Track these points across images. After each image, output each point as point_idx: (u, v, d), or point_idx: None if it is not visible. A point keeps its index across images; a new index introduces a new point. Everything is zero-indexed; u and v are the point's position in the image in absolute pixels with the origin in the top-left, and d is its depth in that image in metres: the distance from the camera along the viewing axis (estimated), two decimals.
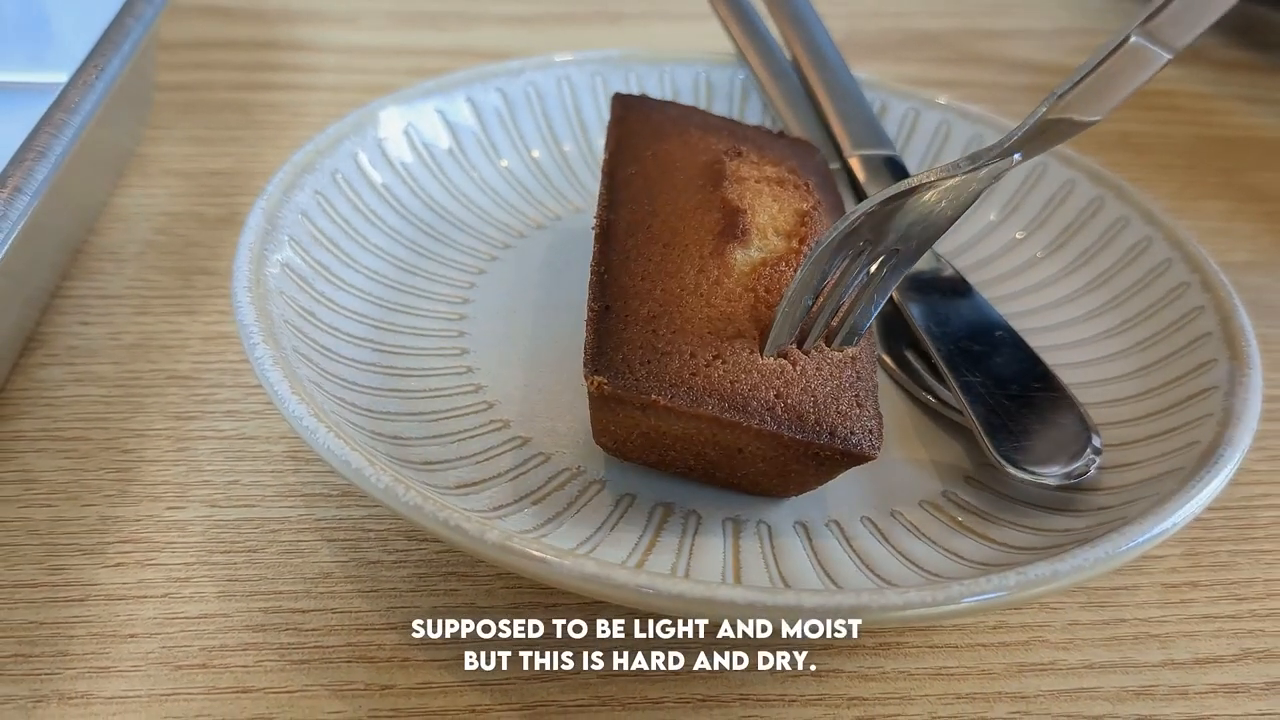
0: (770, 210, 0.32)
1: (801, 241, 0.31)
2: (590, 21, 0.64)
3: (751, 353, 0.28)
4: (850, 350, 0.30)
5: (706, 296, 0.29)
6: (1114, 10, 0.70)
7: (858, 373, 0.29)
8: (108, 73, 0.36)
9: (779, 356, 0.29)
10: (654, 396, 0.27)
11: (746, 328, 0.29)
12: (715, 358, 0.28)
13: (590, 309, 0.30)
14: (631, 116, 0.37)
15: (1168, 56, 0.26)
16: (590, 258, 0.32)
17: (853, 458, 0.28)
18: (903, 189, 0.27)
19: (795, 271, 0.30)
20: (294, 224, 0.34)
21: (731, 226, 0.31)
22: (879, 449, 0.28)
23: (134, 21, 0.39)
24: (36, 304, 0.37)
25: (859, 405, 0.29)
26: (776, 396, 0.28)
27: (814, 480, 0.29)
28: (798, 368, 0.29)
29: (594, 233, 0.32)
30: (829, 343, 0.30)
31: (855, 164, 0.41)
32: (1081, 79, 0.27)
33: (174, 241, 0.42)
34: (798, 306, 0.29)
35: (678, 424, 0.28)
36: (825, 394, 0.28)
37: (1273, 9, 0.65)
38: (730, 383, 0.28)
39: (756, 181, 0.33)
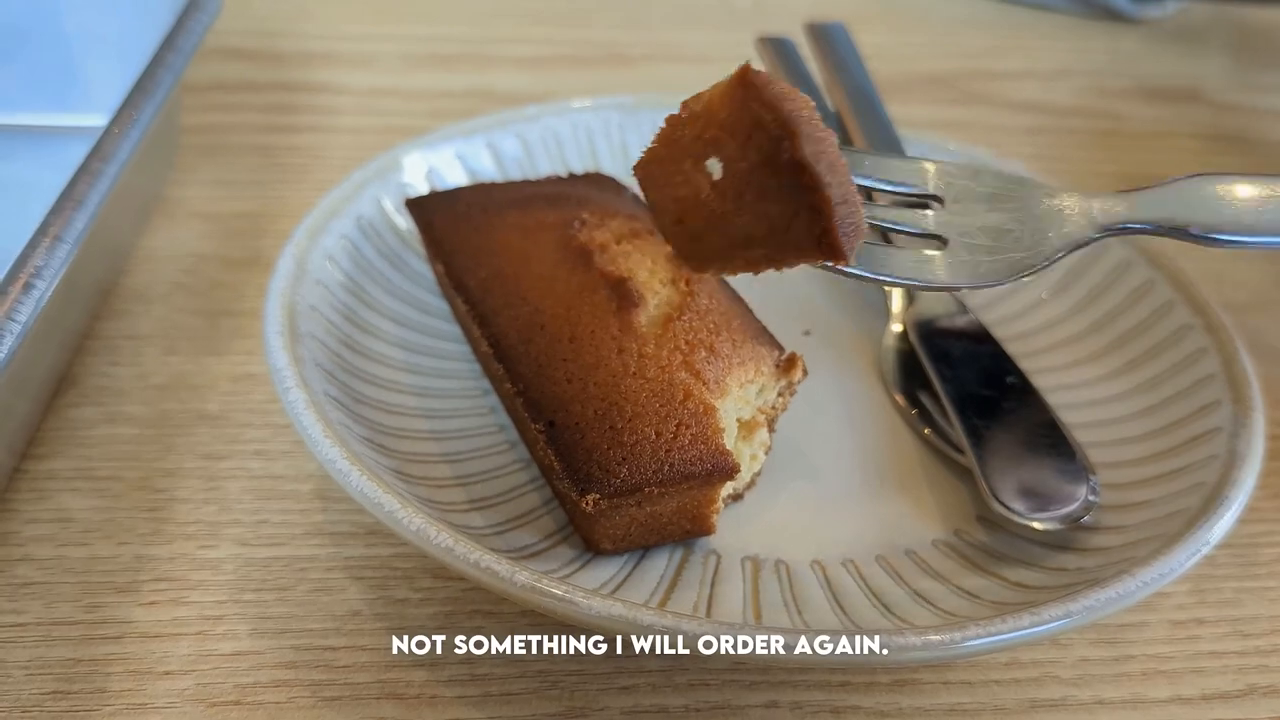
0: (645, 265, 0.32)
1: (687, 283, 0.31)
2: (601, 64, 0.65)
3: (711, 407, 0.29)
4: None
5: (639, 373, 0.30)
6: (1113, 52, 0.72)
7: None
8: (141, 121, 0.38)
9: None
10: (647, 488, 0.28)
11: (690, 385, 0.30)
12: (679, 426, 0.29)
13: (534, 429, 0.29)
14: (437, 220, 0.37)
15: None
16: (488, 381, 0.32)
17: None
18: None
19: (698, 317, 0.31)
20: (321, 269, 0.36)
21: (625, 297, 0.31)
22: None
23: (165, 71, 0.40)
24: (68, 345, 0.38)
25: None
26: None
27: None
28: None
29: (483, 353, 0.32)
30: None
31: None
32: None
33: (200, 283, 0.43)
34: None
35: (673, 500, 0.29)
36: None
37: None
38: (704, 442, 0.29)
39: (617, 243, 0.33)
